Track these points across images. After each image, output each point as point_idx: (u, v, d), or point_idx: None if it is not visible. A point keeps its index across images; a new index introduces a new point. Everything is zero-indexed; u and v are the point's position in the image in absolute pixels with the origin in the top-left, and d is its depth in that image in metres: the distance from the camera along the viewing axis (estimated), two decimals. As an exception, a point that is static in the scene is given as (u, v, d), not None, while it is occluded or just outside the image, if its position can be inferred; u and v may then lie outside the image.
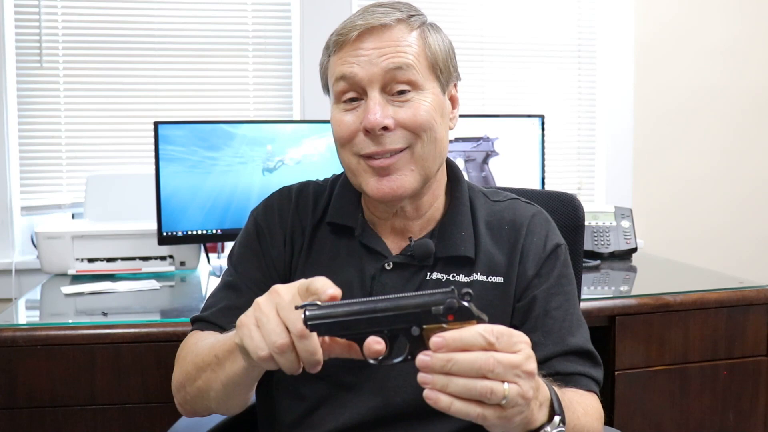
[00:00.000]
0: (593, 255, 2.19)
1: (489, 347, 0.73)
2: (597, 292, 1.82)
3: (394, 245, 1.06)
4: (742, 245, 2.77)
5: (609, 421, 1.08)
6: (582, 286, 1.29)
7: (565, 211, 1.28)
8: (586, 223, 1.58)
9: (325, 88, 1.08)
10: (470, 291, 0.76)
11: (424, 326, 0.76)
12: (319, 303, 0.77)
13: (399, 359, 0.78)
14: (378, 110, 0.97)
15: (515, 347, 0.75)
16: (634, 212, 2.36)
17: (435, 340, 0.73)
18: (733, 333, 1.77)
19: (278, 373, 0.95)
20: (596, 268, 2.11)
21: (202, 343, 0.98)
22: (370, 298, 0.77)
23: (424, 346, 0.76)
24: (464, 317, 0.75)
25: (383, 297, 0.78)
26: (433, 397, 0.73)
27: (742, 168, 2.77)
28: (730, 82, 2.72)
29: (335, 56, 1.02)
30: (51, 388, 1.50)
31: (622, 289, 1.94)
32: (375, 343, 0.76)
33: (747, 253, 2.76)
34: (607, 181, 2.64)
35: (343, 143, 1.02)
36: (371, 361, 0.79)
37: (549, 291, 1.04)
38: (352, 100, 1.00)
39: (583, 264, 1.31)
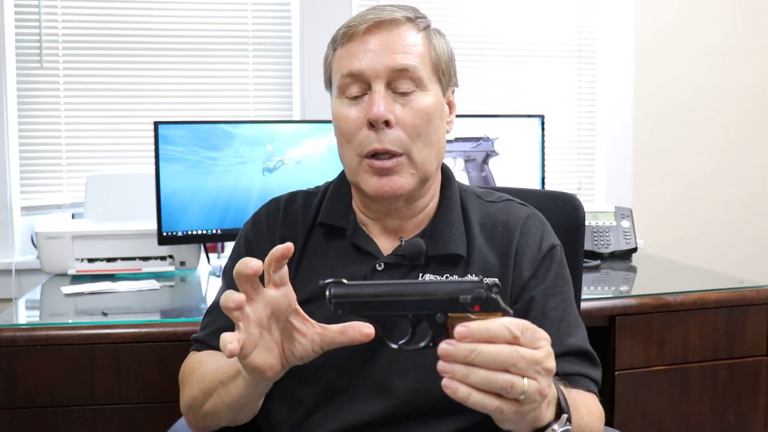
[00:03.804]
0: (593, 255, 2.19)
1: (513, 341, 0.72)
2: (597, 292, 1.82)
3: (386, 246, 1.06)
4: (742, 245, 2.77)
5: (609, 421, 1.07)
6: (582, 286, 1.29)
7: (566, 211, 1.27)
8: (586, 223, 1.58)
9: (328, 82, 1.08)
10: (498, 283, 0.76)
11: (450, 314, 0.76)
12: (344, 281, 0.77)
13: (421, 345, 0.78)
14: (382, 103, 0.98)
15: (537, 343, 0.74)
16: (634, 212, 2.35)
17: (460, 329, 0.72)
18: (732, 333, 1.77)
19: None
20: (596, 268, 2.11)
21: (205, 368, 0.99)
22: (397, 281, 0.78)
23: (446, 334, 0.75)
24: (491, 309, 0.75)
25: (410, 281, 0.78)
26: (452, 386, 0.72)
27: (742, 168, 2.77)
28: (730, 82, 2.72)
29: (342, 49, 1.02)
30: (51, 388, 1.50)
31: (622, 289, 1.94)
32: (365, 327, 0.78)
33: (747, 253, 2.76)
34: (607, 181, 2.64)
35: (348, 139, 1.02)
36: (393, 346, 0.79)
37: (546, 292, 1.04)
38: (355, 97, 1.01)
39: (583, 264, 1.31)
